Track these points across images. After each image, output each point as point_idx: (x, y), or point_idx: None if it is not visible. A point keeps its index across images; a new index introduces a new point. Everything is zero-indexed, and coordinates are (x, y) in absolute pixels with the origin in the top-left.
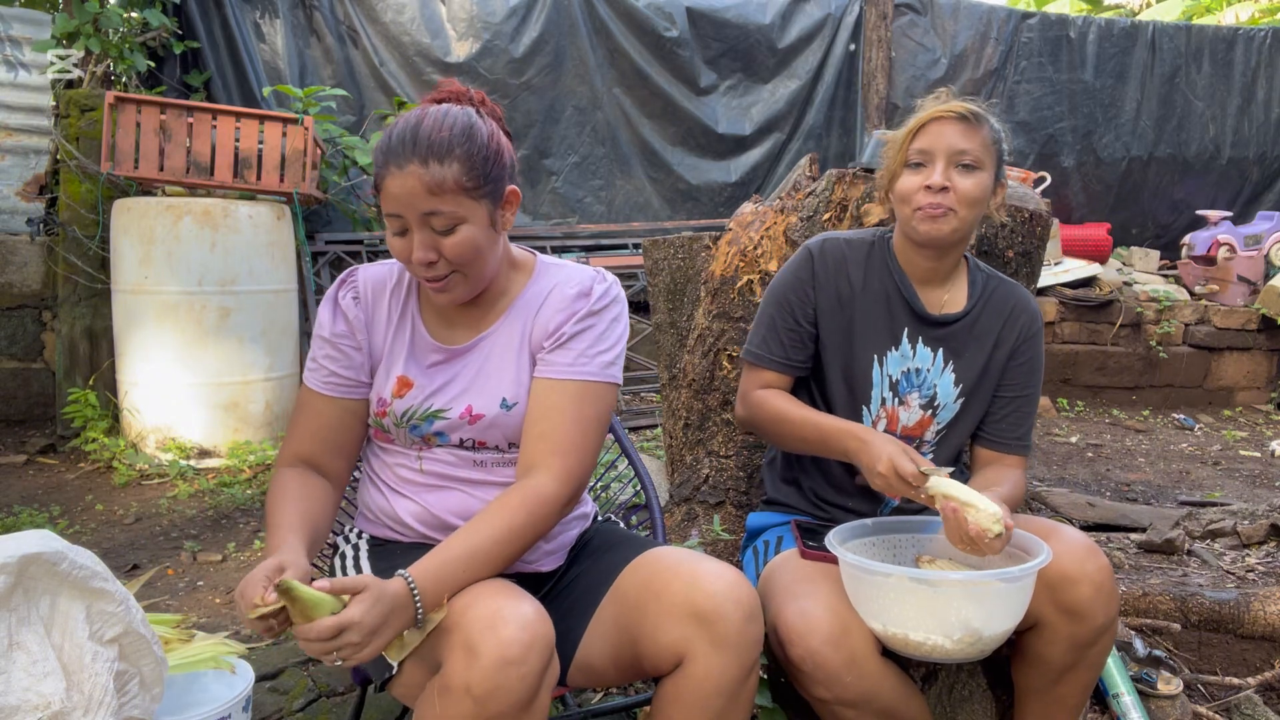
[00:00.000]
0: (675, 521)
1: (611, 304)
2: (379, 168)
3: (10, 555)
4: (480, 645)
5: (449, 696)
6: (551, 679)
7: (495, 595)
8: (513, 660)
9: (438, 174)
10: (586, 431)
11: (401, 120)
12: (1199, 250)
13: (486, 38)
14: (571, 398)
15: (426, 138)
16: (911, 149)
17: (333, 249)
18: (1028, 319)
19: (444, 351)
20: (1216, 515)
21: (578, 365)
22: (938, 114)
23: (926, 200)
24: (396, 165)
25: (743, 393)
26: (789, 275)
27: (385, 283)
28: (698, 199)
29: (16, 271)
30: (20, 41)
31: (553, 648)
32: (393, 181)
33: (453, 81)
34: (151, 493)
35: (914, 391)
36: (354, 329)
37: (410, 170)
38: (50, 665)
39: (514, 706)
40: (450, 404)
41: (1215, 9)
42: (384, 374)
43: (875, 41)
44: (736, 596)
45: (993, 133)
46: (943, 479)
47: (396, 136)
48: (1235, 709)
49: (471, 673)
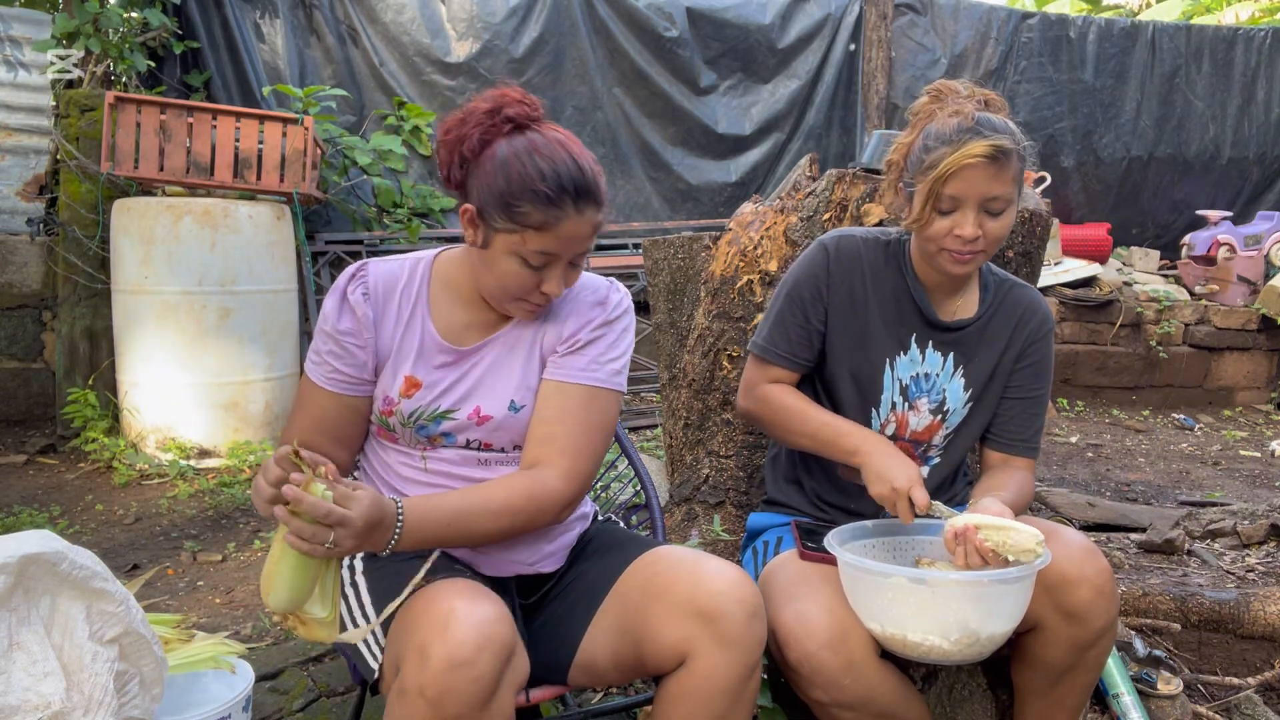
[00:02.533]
0: (675, 521)
1: (624, 314)
2: (550, 206)
3: (10, 555)
4: (431, 647)
5: (405, 699)
6: (515, 679)
7: (452, 596)
8: (462, 662)
9: (603, 215)
10: (594, 437)
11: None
12: (1199, 250)
13: (486, 38)
14: (581, 402)
15: (595, 183)
16: (943, 194)
17: (333, 249)
18: (1038, 321)
19: (453, 352)
20: (1216, 515)
21: (589, 371)
22: (969, 160)
23: (956, 247)
24: (578, 210)
25: (747, 385)
26: (803, 271)
27: (397, 280)
28: (698, 199)
29: (16, 271)
30: (20, 41)
31: (509, 649)
32: (570, 225)
33: (515, 87)
34: (151, 493)
35: (924, 396)
36: (361, 326)
37: (588, 216)
38: (50, 665)
39: (468, 708)
40: (458, 405)
41: (1215, 9)
42: (391, 373)
43: (875, 41)
44: (740, 595)
45: (1020, 160)
46: (966, 515)
47: (570, 180)
48: (1235, 709)
49: (424, 675)
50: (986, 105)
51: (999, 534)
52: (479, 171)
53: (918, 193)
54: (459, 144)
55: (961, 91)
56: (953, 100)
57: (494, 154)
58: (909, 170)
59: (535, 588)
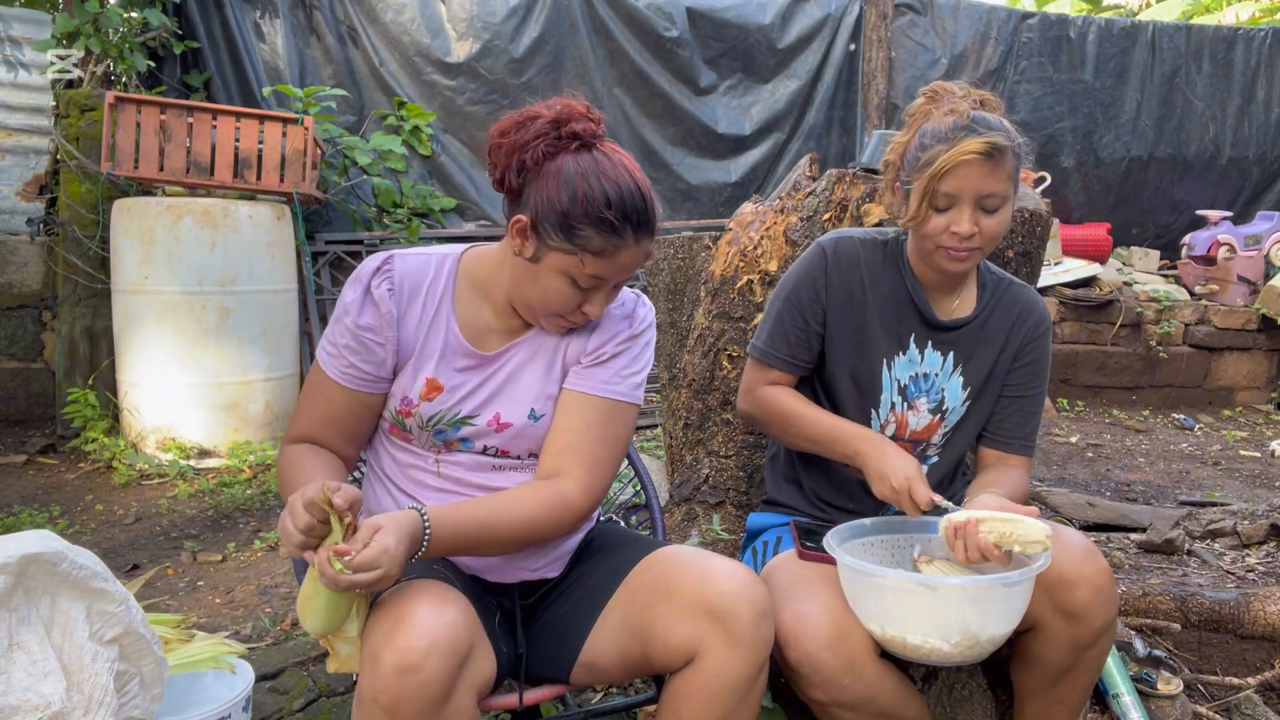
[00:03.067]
0: (675, 521)
1: (649, 328)
2: (611, 234)
3: (10, 555)
4: (380, 654)
5: (362, 706)
6: (475, 680)
7: (405, 601)
8: (409, 668)
9: (654, 245)
10: (612, 450)
11: (619, 185)
12: (1199, 250)
13: (486, 38)
14: (602, 415)
15: (655, 212)
16: (939, 191)
17: (333, 249)
18: (1035, 320)
19: (476, 357)
20: (1216, 515)
21: (612, 384)
22: (964, 157)
23: (953, 244)
24: (637, 240)
25: (747, 387)
26: (801, 273)
27: (424, 276)
28: (698, 199)
29: (16, 271)
30: (20, 41)
31: (461, 652)
32: (628, 254)
33: (580, 100)
34: (151, 493)
35: (922, 396)
36: (384, 323)
37: (644, 246)
38: (50, 665)
39: (420, 714)
40: (478, 411)
41: (1215, 9)
42: (411, 373)
43: (875, 41)
44: (749, 595)
45: (1015, 158)
46: (968, 509)
47: (633, 209)
48: (1235, 709)
49: (376, 681)
50: (982, 105)
51: (1006, 525)
52: (539, 184)
53: (914, 191)
54: (519, 150)
55: (957, 92)
56: (948, 100)
57: (559, 169)
58: (905, 169)
59: (536, 589)
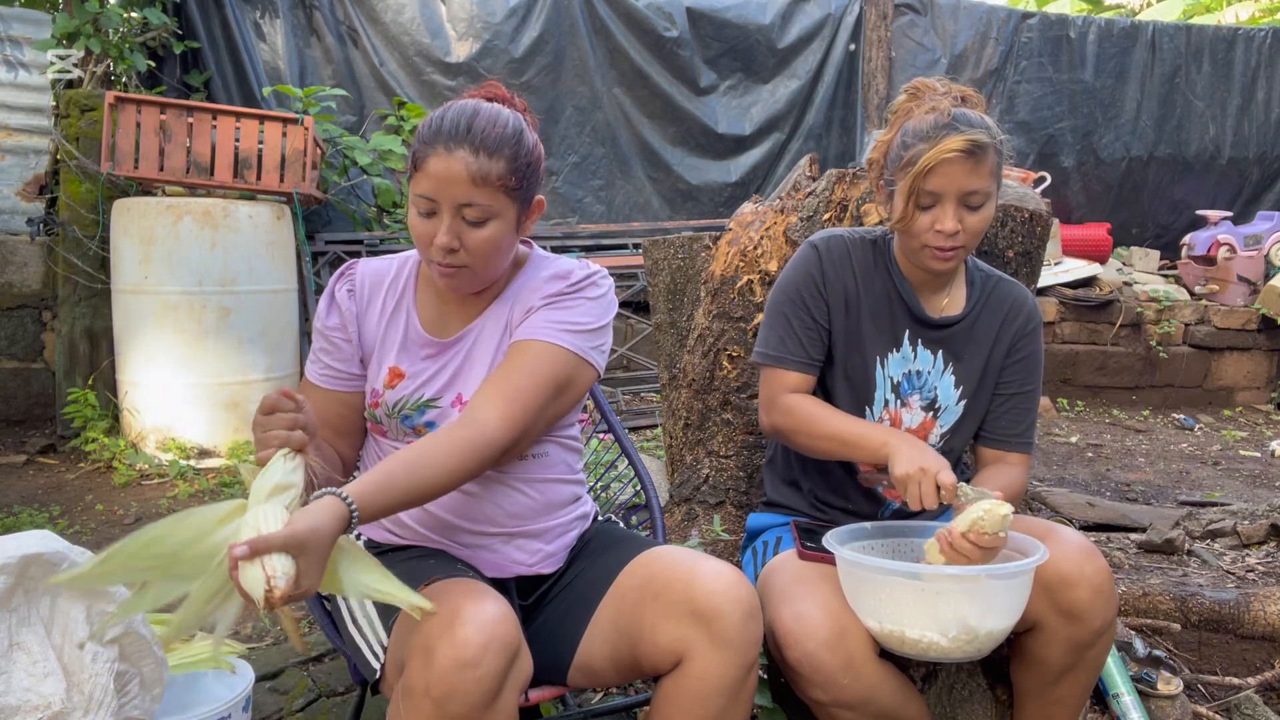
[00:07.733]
0: (675, 521)
1: (588, 286)
2: (423, 145)
3: (10, 555)
4: (436, 647)
5: (411, 698)
6: (519, 679)
7: (458, 596)
8: (468, 662)
9: (485, 166)
10: (537, 384)
11: (456, 106)
12: (1199, 250)
13: (486, 38)
14: (525, 353)
15: (481, 129)
16: (922, 190)
17: (333, 249)
18: (1025, 316)
19: (435, 344)
20: (1216, 515)
21: (538, 328)
22: (946, 155)
23: (938, 243)
24: (445, 147)
25: (768, 400)
26: (799, 273)
27: (384, 275)
28: (698, 199)
29: (16, 271)
30: (20, 41)
31: (514, 649)
32: (437, 162)
33: (498, 85)
34: (151, 493)
35: (915, 394)
36: (345, 321)
37: (459, 156)
38: (50, 665)
39: (473, 708)
40: (441, 393)
41: (1215, 9)
42: (376, 365)
43: (875, 41)
44: (736, 595)
45: (996, 154)
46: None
47: (450, 120)
48: (1235, 709)
49: (429, 674)
50: (963, 101)
51: (964, 520)
52: None
53: (899, 190)
54: None
55: (939, 89)
56: (930, 97)
57: None
58: (889, 168)
59: (534, 588)
